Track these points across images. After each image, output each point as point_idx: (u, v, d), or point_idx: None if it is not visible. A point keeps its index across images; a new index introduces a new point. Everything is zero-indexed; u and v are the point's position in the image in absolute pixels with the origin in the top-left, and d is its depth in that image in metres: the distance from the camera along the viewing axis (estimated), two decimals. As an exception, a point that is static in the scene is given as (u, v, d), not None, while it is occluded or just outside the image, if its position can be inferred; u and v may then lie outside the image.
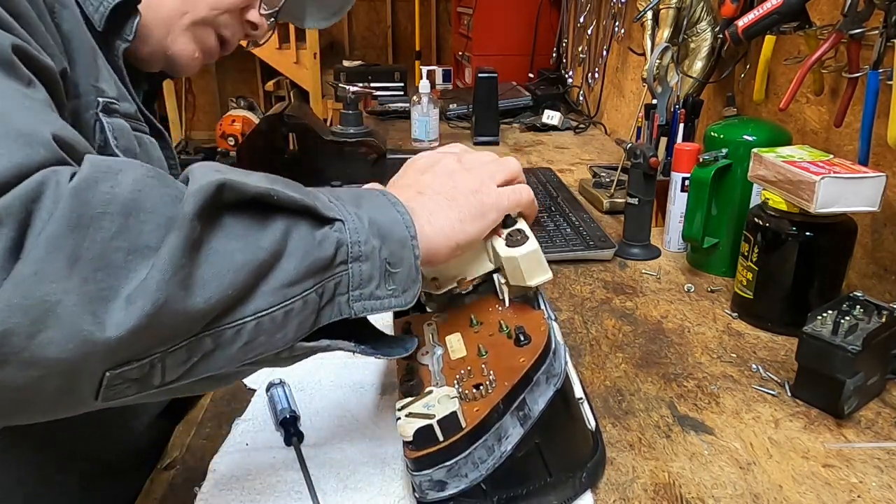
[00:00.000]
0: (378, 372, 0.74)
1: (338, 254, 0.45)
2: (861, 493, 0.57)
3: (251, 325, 0.41)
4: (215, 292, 0.39)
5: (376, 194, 0.51)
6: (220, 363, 0.42)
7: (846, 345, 0.63)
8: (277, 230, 0.42)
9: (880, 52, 0.84)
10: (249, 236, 0.41)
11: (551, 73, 2.40)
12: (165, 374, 0.40)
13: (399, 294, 0.49)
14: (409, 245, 0.49)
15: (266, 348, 0.43)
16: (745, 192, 0.94)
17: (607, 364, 0.76)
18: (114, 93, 0.60)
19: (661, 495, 0.56)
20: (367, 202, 0.49)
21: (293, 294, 0.43)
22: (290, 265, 0.43)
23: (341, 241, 0.45)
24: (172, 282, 0.37)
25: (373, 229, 0.47)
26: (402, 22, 4.61)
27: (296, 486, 0.57)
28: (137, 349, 0.37)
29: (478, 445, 0.48)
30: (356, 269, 0.46)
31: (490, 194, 0.57)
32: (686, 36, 1.33)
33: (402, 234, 0.49)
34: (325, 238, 0.45)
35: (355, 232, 0.46)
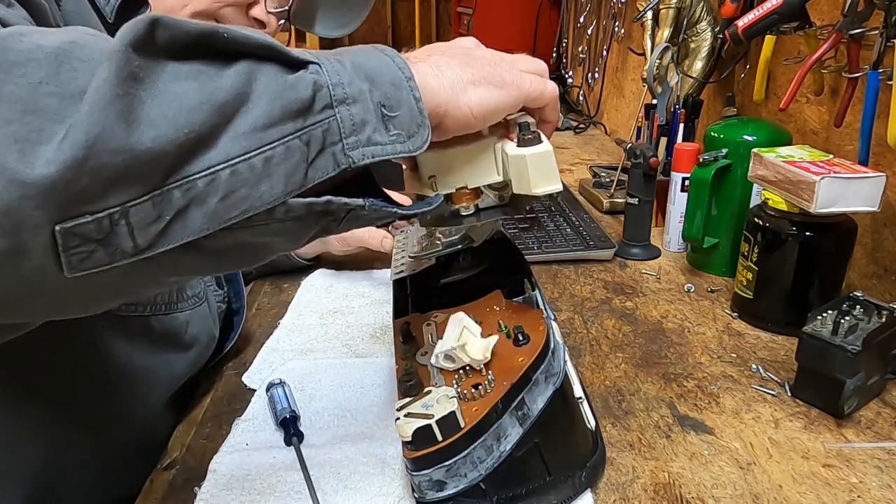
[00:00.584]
0: (378, 372, 0.74)
1: (317, 97, 0.40)
2: (861, 493, 0.57)
3: (226, 174, 0.36)
4: (166, 130, 0.34)
5: (360, 47, 0.45)
6: (199, 222, 0.37)
7: (846, 345, 0.63)
8: (238, 72, 0.38)
9: (880, 52, 0.84)
10: (203, 77, 0.37)
11: (551, 73, 2.39)
12: (135, 235, 0.35)
13: (405, 139, 0.43)
14: (406, 86, 0.43)
15: (251, 203, 0.38)
16: (745, 192, 0.94)
17: (607, 364, 0.76)
18: None
19: (661, 495, 0.56)
20: (348, 53, 0.43)
21: (270, 138, 0.38)
22: (260, 107, 0.38)
23: (319, 82, 0.40)
24: (108, 112, 0.33)
25: (358, 72, 0.42)
26: (402, 22, 4.61)
27: (296, 486, 0.57)
28: (84, 194, 0.33)
29: (477, 445, 0.48)
30: (345, 113, 0.41)
31: (511, 71, 0.50)
32: (686, 36, 1.33)
33: (395, 75, 0.43)
34: (298, 80, 0.39)
35: (335, 74, 0.41)
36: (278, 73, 0.39)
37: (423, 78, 0.45)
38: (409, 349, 0.61)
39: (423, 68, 0.45)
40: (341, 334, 0.82)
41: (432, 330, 0.63)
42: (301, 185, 0.40)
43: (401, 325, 0.65)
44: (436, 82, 0.46)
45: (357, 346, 0.79)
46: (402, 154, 0.43)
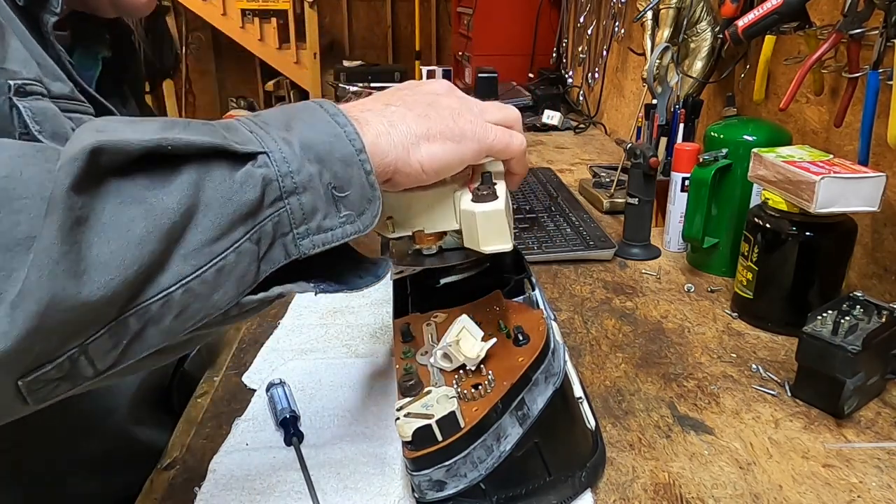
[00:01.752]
0: (378, 372, 0.74)
1: (267, 192, 0.39)
2: (861, 493, 0.57)
3: (178, 294, 0.37)
4: (117, 272, 0.34)
5: (313, 107, 0.44)
6: (156, 339, 0.37)
7: (846, 345, 0.63)
8: (184, 184, 0.37)
9: (880, 52, 0.84)
10: (149, 198, 0.36)
11: (551, 73, 2.40)
12: (95, 363, 0.36)
13: (354, 219, 0.43)
14: (356, 161, 0.43)
15: (206, 312, 0.38)
16: (745, 192, 0.94)
17: (607, 364, 0.76)
18: (33, 72, 0.52)
19: (661, 495, 0.56)
20: (298, 121, 0.43)
21: (221, 249, 0.38)
22: (209, 220, 0.37)
23: (268, 176, 0.39)
24: (57, 274, 0.32)
25: (307, 154, 0.41)
26: (402, 22, 4.61)
27: (296, 486, 0.57)
28: (42, 351, 0.34)
29: (477, 445, 0.48)
30: (295, 204, 0.41)
31: (474, 122, 0.50)
32: (686, 36, 1.33)
33: (345, 150, 0.42)
34: (247, 177, 0.39)
35: (284, 162, 0.40)
36: (225, 173, 0.38)
37: (374, 139, 0.44)
38: (409, 349, 0.61)
39: (374, 127, 0.45)
40: (341, 334, 0.82)
41: (432, 330, 0.63)
42: (253, 283, 0.40)
43: (401, 325, 0.65)
44: (386, 142, 0.45)
45: (357, 346, 0.79)
46: (353, 236, 0.43)
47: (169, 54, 0.84)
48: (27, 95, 0.50)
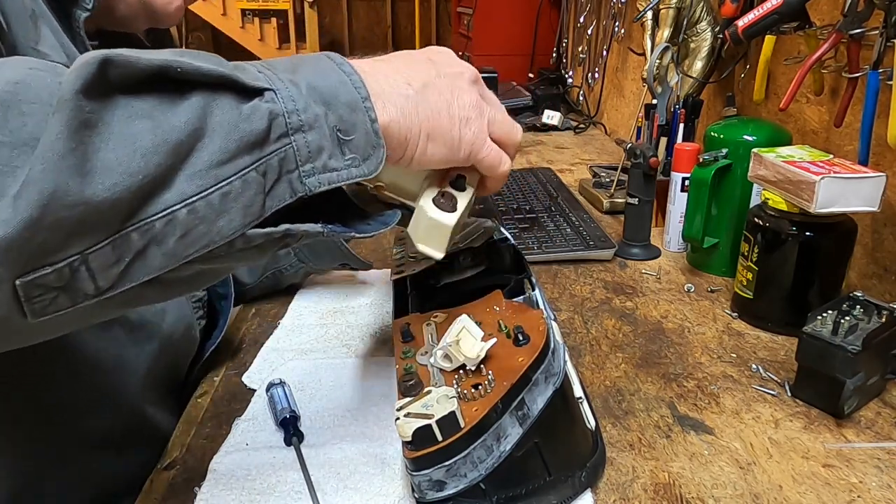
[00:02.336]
0: (378, 372, 0.74)
1: (273, 126, 0.40)
2: (861, 493, 0.57)
3: (183, 214, 0.37)
4: (121, 178, 0.34)
5: (319, 57, 0.45)
6: (159, 261, 0.37)
7: (846, 345, 0.63)
8: (192, 107, 0.37)
9: (880, 52, 0.84)
10: (157, 115, 0.36)
11: (551, 73, 2.40)
12: (96, 278, 0.36)
13: (359, 162, 0.44)
14: (362, 107, 0.43)
15: (210, 238, 0.38)
16: (745, 192, 0.94)
17: (607, 364, 0.76)
18: (62, 59, 0.55)
19: (661, 495, 0.56)
20: (305, 66, 0.43)
21: (227, 174, 0.38)
22: (216, 143, 0.38)
23: (274, 111, 0.40)
24: (62, 168, 0.32)
25: (313, 95, 0.42)
26: (402, 22, 4.61)
27: (296, 486, 0.57)
28: (43, 247, 0.33)
29: (477, 445, 0.48)
30: (300, 141, 0.41)
31: (476, 134, 0.51)
32: (686, 36, 1.33)
33: (351, 95, 0.43)
34: (254, 111, 0.39)
35: (290, 100, 0.41)
36: (233, 104, 0.39)
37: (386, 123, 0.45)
38: (409, 349, 0.61)
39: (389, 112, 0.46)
40: (341, 334, 0.82)
41: (432, 330, 0.63)
42: (259, 216, 0.40)
43: (401, 325, 0.65)
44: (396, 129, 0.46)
45: (357, 346, 0.79)
46: (358, 178, 0.44)
47: None
48: None
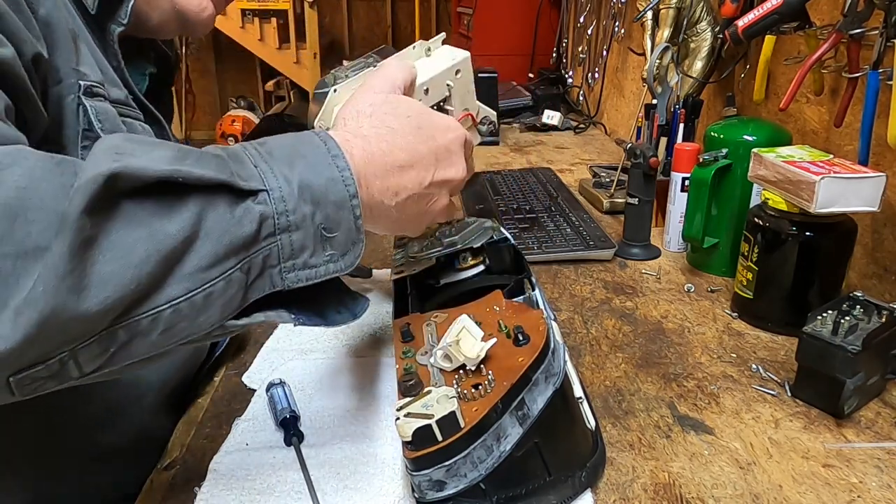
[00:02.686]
0: (378, 372, 0.74)
1: (262, 228, 0.42)
2: (861, 493, 0.57)
3: (168, 313, 0.39)
4: (115, 291, 0.36)
5: (317, 143, 0.47)
6: (141, 350, 0.40)
7: (846, 345, 0.63)
8: (188, 213, 0.39)
9: (880, 52, 0.84)
10: (154, 223, 0.38)
11: (551, 73, 2.40)
12: (82, 367, 0.38)
13: (338, 258, 0.46)
14: (349, 206, 0.46)
15: (191, 331, 0.41)
16: (745, 192, 0.94)
17: (607, 364, 0.76)
18: (97, 76, 0.58)
19: (661, 495, 0.56)
20: (300, 158, 0.46)
21: (212, 276, 0.40)
22: (206, 248, 0.40)
23: (265, 214, 0.42)
24: (61, 289, 0.34)
25: (304, 194, 0.44)
26: (402, 22, 4.61)
27: (296, 486, 0.57)
28: (36, 355, 0.36)
29: (477, 445, 0.48)
30: (286, 240, 0.44)
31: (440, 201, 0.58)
32: (686, 36, 1.33)
33: (340, 194, 0.46)
34: (245, 213, 0.42)
35: (281, 201, 0.43)
36: (226, 207, 0.41)
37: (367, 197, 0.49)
38: (409, 349, 0.61)
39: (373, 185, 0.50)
40: (341, 334, 0.82)
41: (432, 330, 0.63)
42: (237, 308, 0.43)
43: (401, 325, 0.65)
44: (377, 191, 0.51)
45: (357, 346, 0.79)
46: (335, 274, 0.47)
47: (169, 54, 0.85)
48: (93, 97, 0.56)
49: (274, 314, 0.46)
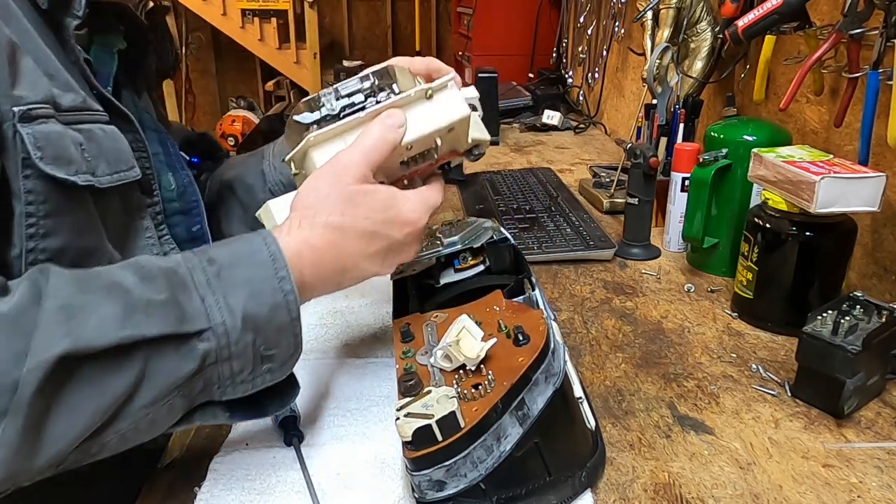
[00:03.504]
0: (378, 372, 0.74)
1: (205, 361, 0.46)
2: (861, 493, 0.57)
3: (114, 440, 0.45)
4: (66, 444, 0.41)
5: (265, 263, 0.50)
6: (87, 461, 0.45)
7: (846, 345, 0.63)
8: (135, 367, 0.44)
9: (880, 52, 0.84)
10: (103, 381, 0.42)
11: (551, 73, 2.40)
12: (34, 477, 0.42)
13: (276, 370, 0.51)
14: (289, 328, 0.50)
15: (135, 443, 0.47)
16: (745, 192, 0.94)
17: (607, 364, 0.76)
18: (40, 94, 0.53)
19: (661, 495, 0.56)
20: (247, 285, 0.48)
21: (156, 409, 0.45)
22: (151, 392, 0.44)
23: (208, 350, 0.46)
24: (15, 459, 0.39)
25: (247, 324, 0.48)
26: (402, 22, 4.61)
27: (296, 486, 0.57)
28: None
29: (477, 445, 0.48)
30: (225, 367, 0.48)
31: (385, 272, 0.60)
32: (686, 36, 1.33)
33: (283, 320, 0.49)
34: (189, 352, 0.46)
35: (224, 335, 0.47)
36: (172, 352, 0.45)
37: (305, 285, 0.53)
38: (409, 349, 0.61)
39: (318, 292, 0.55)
40: (341, 334, 0.82)
41: (432, 330, 0.63)
42: (177, 419, 0.48)
43: (401, 325, 0.65)
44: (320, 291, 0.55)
45: (357, 347, 0.79)
46: (270, 383, 0.51)
47: (169, 54, 0.85)
48: (32, 120, 0.53)
49: (210, 416, 0.51)
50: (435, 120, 0.60)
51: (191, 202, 0.73)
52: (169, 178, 0.72)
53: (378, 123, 0.57)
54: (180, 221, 0.72)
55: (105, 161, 0.58)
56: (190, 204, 0.73)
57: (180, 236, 0.71)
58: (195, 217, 0.74)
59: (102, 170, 0.57)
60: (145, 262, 0.49)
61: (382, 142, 0.57)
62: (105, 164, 0.58)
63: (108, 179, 0.58)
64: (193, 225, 0.74)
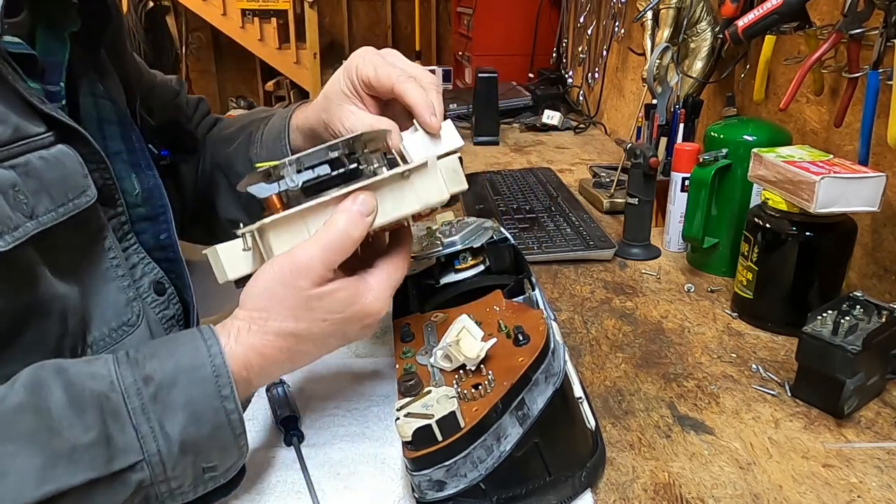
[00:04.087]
0: (378, 372, 0.74)
1: (140, 486, 0.45)
2: (861, 493, 0.57)
3: None
4: None
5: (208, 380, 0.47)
6: None
7: (846, 345, 0.63)
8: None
9: (880, 52, 0.84)
10: None
11: (551, 73, 2.40)
12: None
13: (219, 477, 0.49)
14: (233, 445, 0.49)
15: None
16: (745, 192, 0.94)
17: (607, 364, 0.76)
18: None
19: (661, 495, 0.56)
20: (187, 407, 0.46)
21: None
22: None
23: (142, 479, 0.45)
24: None
25: (186, 449, 0.46)
26: (402, 22, 4.61)
27: (296, 486, 0.57)
28: None
29: (477, 445, 0.48)
30: (163, 487, 0.46)
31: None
32: (686, 36, 1.33)
33: (226, 438, 0.48)
34: (122, 484, 0.44)
35: (160, 464, 0.45)
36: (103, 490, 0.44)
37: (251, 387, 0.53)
38: (409, 349, 0.61)
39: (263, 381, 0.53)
40: (341, 334, 0.82)
41: (432, 330, 0.63)
42: None
43: (401, 325, 0.65)
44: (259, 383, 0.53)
45: (357, 346, 0.79)
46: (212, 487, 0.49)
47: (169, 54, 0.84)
48: None
49: None
50: (411, 204, 0.54)
51: (157, 207, 0.67)
52: (133, 182, 0.65)
53: (344, 215, 0.51)
54: (147, 228, 0.67)
55: (47, 195, 0.51)
56: (157, 209, 0.67)
57: (147, 243, 0.66)
58: (162, 224, 0.68)
59: (45, 206, 0.51)
60: (75, 376, 0.45)
61: (346, 238, 0.51)
62: (48, 200, 0.52)
63: (51, 217, 0.52)
64: (161, 233, 0.68)
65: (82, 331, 0.56)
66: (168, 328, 0.67)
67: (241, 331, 0.50)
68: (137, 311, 0.62)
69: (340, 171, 0.54)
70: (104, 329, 0.59)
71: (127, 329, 0.61)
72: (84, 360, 0.49)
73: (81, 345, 0.57)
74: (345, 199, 0.52)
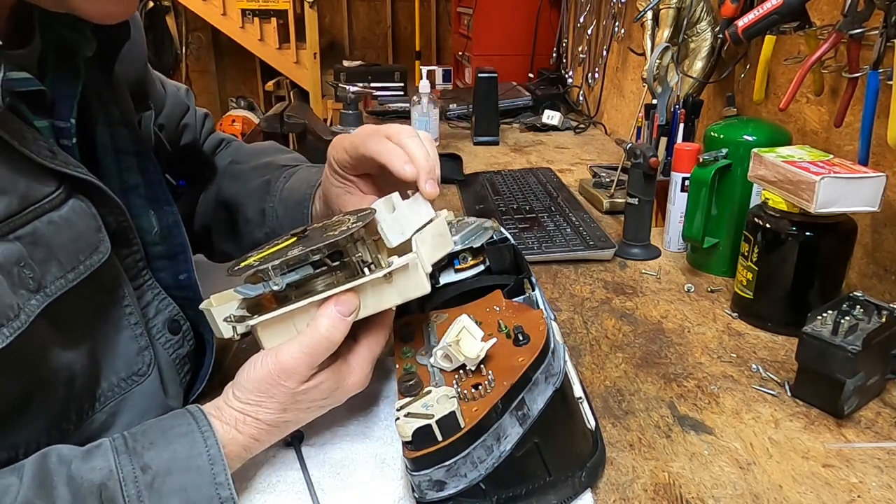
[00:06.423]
0: (378, 372, 0.73)
1: None
2: (861, 493, 0.57)
3: None
4: None
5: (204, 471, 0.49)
6: None
7: (846, 345, 0.63)
8: None
9: (880, 52, 0.84)
10: None
11: (551, 73, 2.40)
12: None
13: None
14: None
15: None
16: (745, 192, 0.94)
17: (607, 364, 0.76)
18: None
19: (661, 495, 0.56)
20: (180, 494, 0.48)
21: None
22: None
23: None
24: None
25: None
26: (402, 22, 4.61)
27: (296, 485, 0.57)
28: None
29: (477, 445, 0.48)
30: None
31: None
32: (686, 36, 1.33)
33: None
34: None
35: None
36: None
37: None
38: (409, 349, 0.61)
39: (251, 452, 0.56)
40: (341, 334, 0.82)
41: (432, 330, 0.63)
42: None
43: (401, 325, 0.65)
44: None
45: (357, 346, 0.79)
46: None
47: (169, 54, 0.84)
48: None
49: None
50: (391, 299, 0.56)
51: (176, 245, 0.66)
52: (151, 220, 0.64)
53: (325, 319, 0.52)
54: (165, 267, 0.65)
55: (56, 262, 0.50)
56: (175, 248, 0.66)
57: (165, 282, 0.65)
58: (182, 264, 0.67)
59: (54, 274, 0.49)
60: (76, 471, 0.47)
61: (327, 342, 0.53)
62: (57, 267, 0.50)
63: (60, 285, 0.50)
64: (180, 273, 0.67)
65: (90, 388, 0.56)
66: (180, 367, 0.66)
67: (238, 421, 0.54)
68: (149, 361, 0.61)
69: (323, 269, 0.56)
70: (113, 379, 0.58)
71: (137, 379, 0.60)
72: (86, 449, 0.49)
73: (89, 402, 0.56)
74: (327, 302, 0.54)
